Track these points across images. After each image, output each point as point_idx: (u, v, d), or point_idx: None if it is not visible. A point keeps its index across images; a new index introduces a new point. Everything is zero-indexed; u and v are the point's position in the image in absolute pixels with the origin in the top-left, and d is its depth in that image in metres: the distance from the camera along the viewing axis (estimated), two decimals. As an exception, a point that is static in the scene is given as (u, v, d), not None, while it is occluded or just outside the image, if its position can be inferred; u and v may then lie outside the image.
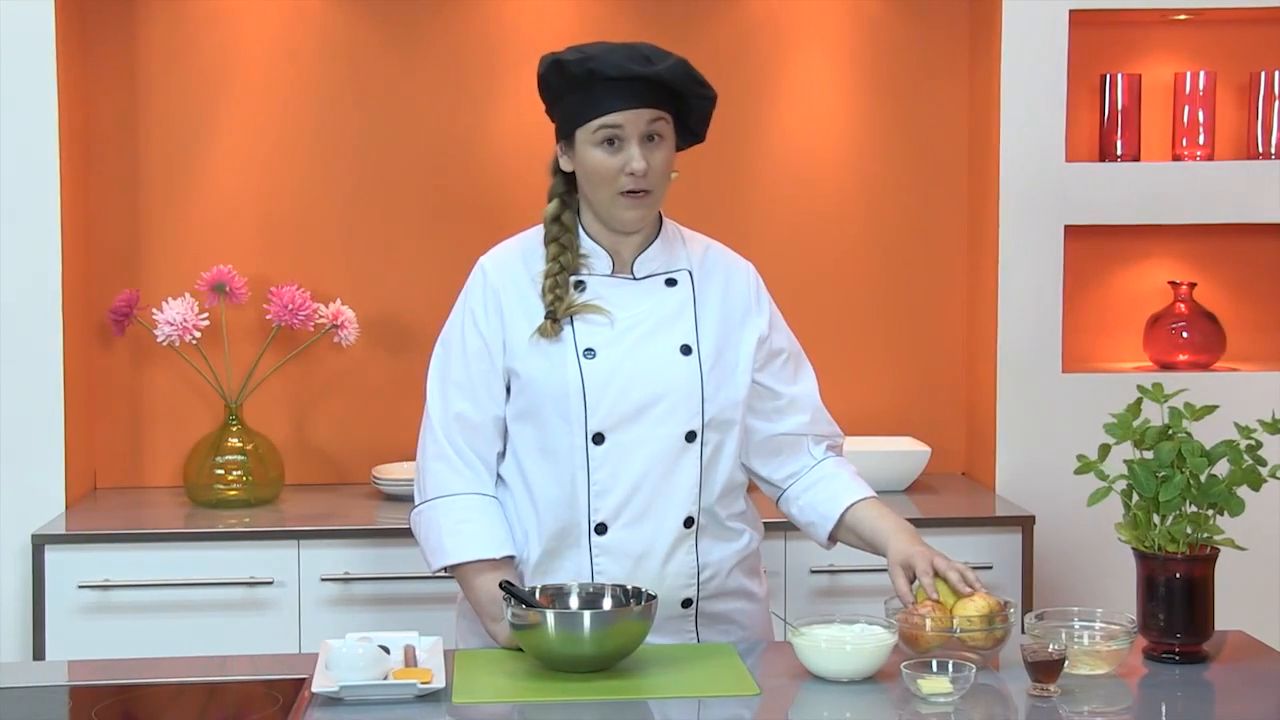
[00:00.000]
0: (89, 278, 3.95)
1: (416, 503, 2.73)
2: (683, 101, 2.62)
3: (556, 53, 2.62)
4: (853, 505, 2.73)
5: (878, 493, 3.84)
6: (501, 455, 2.71)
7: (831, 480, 2.76)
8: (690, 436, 2.64)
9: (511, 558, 2.66)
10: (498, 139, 4.06)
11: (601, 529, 2.63)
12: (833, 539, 2.77)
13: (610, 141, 2.57)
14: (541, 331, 2.62)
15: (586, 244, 2.66)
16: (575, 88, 2.58)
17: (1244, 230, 4.10)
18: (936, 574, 2.52)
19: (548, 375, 2.62)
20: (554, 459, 2.64)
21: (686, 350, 2.65)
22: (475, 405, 2.67)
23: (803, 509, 2.78)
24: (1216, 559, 2.52)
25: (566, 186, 2.68)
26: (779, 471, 2.78)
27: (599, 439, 2.61)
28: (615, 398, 2.61)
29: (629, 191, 2.58)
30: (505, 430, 2.70)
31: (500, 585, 2.47)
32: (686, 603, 2.67)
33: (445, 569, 2.68)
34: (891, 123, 4.15)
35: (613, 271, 2.67)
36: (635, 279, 2.67)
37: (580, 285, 2.65)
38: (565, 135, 2.63)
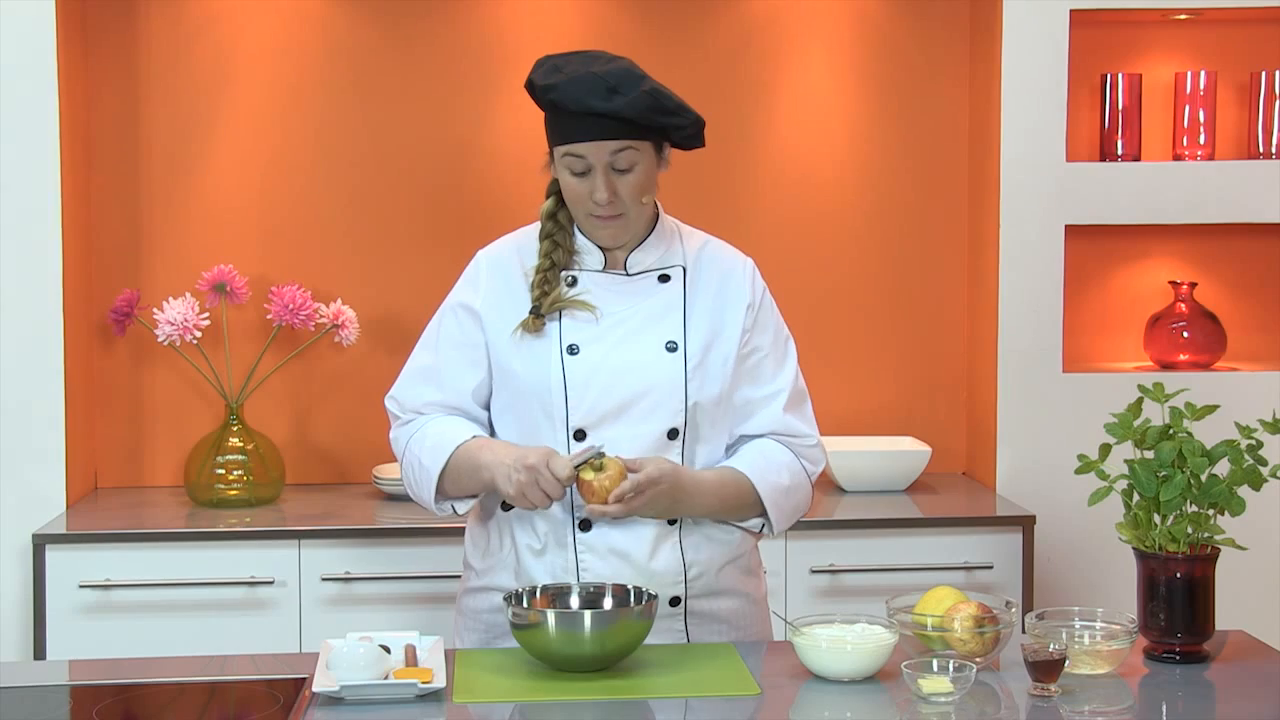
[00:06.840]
0: (89, 278, 3.95)
1: (401, 474, 2.73)
2: (659, 129, 2.58)
3: (538, 66, 2.60)
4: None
5: (878, 492, 3.90)
6: None
7: (738, 453, 2.69)
8: (673, 434, 2.63)
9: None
10: (498, 138, 4.06)
11: (585, 525, 2.62)
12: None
13: (578, 167, 2.57)
14: (524, 327, 2.63)
15: (580, 240, 2.67)
16: (544, 109, 2.60)
17: (1244, 230, 4.10)
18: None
19: (531, 371, 2.63)
20: None
21: (672, 347, 2.63)
22: (440, 391, 2.68)
23: None
24: (1217, 559, 2.52)
25: None
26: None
27: (580, 435, 2.61)
28: (597, 394, 2.61)
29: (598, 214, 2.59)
30: (483, 420, 2.70)
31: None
32: (675, 601, 2.65)
33: (438, 484, 2.63)
34: (892, 123, 4.15)
35: (605, 268, 2.67)
36: (628, 275, 2.67)
37: (572, 281, 2.65)
38: (549, 145, 2.63)
